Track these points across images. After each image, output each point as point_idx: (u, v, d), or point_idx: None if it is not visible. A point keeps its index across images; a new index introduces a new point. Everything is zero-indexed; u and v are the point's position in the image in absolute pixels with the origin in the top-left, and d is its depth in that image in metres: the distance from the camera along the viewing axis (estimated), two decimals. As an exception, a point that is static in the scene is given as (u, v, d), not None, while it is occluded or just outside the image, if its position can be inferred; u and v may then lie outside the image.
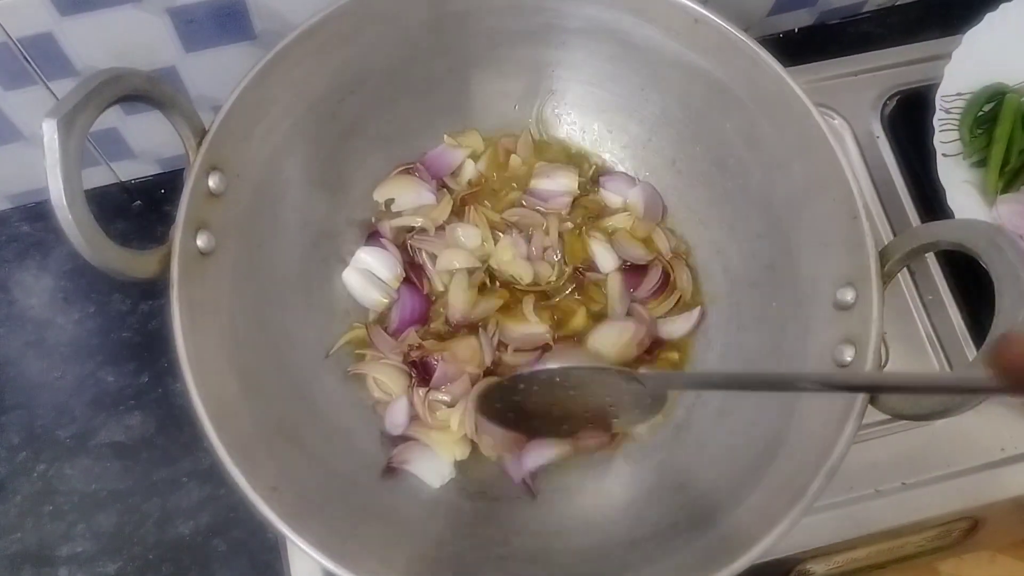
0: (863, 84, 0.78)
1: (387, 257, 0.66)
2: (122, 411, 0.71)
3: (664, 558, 0.52)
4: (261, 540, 0.67)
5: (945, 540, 0.69)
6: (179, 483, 0.69)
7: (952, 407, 0.46)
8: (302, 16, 0.57)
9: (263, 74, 0.55)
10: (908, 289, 0.71)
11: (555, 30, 0.64)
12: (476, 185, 0.69)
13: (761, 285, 0.62)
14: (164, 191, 0.78)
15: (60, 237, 0.73)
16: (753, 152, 0.61)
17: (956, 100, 0.71)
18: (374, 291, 0.65)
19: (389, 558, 0.52)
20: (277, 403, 0.56)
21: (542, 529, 0.58)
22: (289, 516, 0.48)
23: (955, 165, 0.70)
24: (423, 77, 0.65)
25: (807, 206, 0.57)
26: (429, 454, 0.61)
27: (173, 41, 0.65)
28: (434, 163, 0.69)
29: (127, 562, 0.66)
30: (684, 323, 0.65)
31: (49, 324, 0.73)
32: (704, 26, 0.59)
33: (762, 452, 0.54)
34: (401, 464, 0.60)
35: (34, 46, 0.61)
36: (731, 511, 0.52)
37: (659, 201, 0.68)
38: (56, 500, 0.68)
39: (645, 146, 0.68)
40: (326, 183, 0.64)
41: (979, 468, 0.65)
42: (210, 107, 0.70)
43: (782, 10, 0.82)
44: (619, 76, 0.65)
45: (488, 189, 0.69)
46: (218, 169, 0.54)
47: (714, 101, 0.61)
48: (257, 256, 0.58)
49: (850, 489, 0.64)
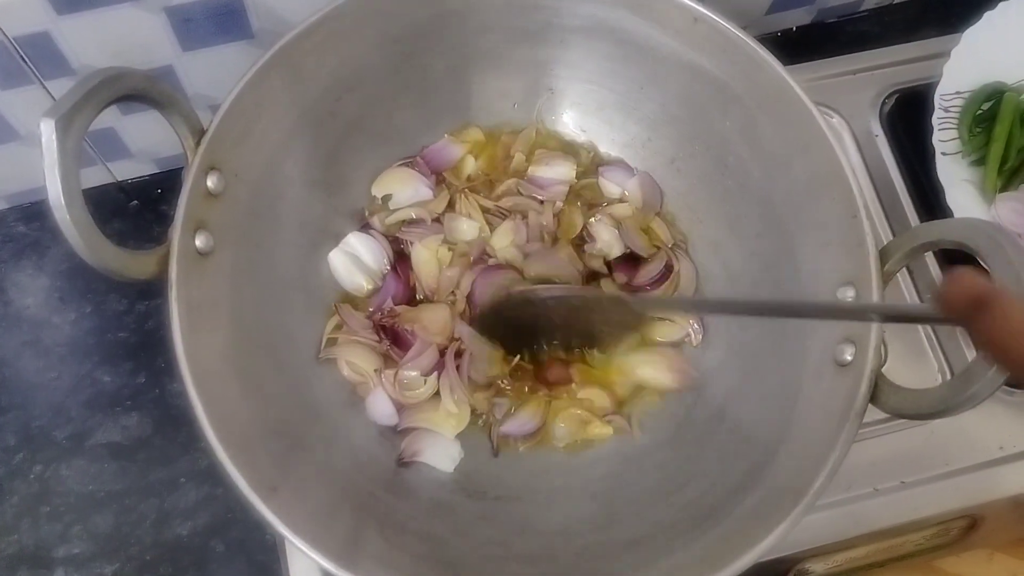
0: (862, 83, 0.77)
1: (375, 245, 0.66)
2: (119, 412, 0.70)
3: (665, 558, 0.52)
4: (259, 540, 0.67)
5: (944, 539, 0.69)
6: (176, 484, 0.68)
7: (952, 406, 0.46)
8: (299, 15, 0.57)
9: (262, 73, 0.55)
10: (907, 288, 0.71)
11: (554, 28, 0.64)
12: (474, 180, 0.69)
13: (761, 283, 0.62)
14: (161, 191, 0.77)
15: (56, 237, 0.74)
16: (753, 151, 0.61)
17: (955, 99, 0.71)
18: (359, 275, 0.65)
19: (389, 558, 0.52)
20: (276, 403, 0.56)
21: (543, 529, 0.58)
22: (288, 517, 0.48)
23: (954, 164, 0.70)
24: (422, 76, 0.65)
25: (807, 205, 0.57)
26: (435, 438, 0.61)
27: (170, 40, 0.64)
28: (434, 157, 0.69)
29: (124, 563, 0.66)
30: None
31: (45, 324, 0.73)
32: (704, 24, 0.59)
33: (763, 451, 0.54)
34: (413, 457, 0.60)
35: (31, 45, 0.61)
36: (732, 510, 0.52)
37: (657, 191, 0.68)
38: (53, 501, 0.67)
39: (645, 145, 0.68)
40: (324, 183, 0.64)
41: (978, 467, 0.65)
42: (207, 106, 0.70)
43: (780, 9, 0.82)
44: (619, 74, 0.65)
45: (486, 183, 0.69)
46: (216, 169, 0.54)
47: (714, 99, 0.61)
48: (256, 256, 0.58)
49: (849, 488, 0.64)
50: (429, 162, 0.68)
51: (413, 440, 0.61)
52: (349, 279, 0.65)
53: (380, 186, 0.67)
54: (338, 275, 0.65)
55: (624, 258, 0.67)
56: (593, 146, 0.70)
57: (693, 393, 0.63)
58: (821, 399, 0.52)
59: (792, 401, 0.54)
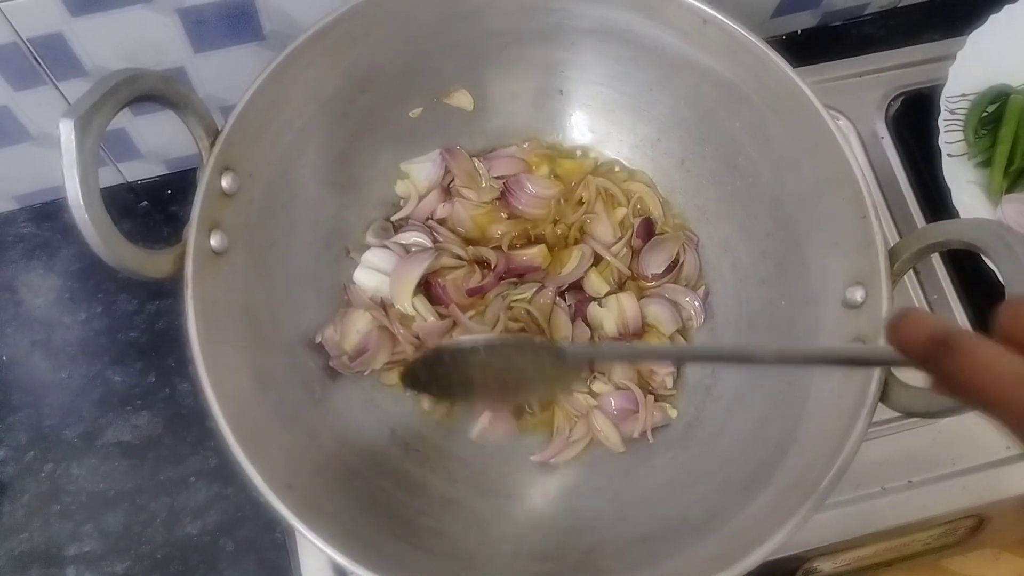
0: (867, 85, 0.78)
1: (390, 257, 0.66)
2: (129, 411, 0.71)
3: (674, 555, 0.52)
4: (269, 539, 0.67)
5: (951, 538, 0.70)
6: (187, 482, 0.69)
7: (961, 405, 0.46)
8: (311, 17, 0.57)
9: (276, 75, 0.55)
10: (913, 288, 0.71)
11: (564, 30, 0.64)
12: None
13: (770, 283, 0.62)
14: (170, 191, 0.78)
15: (66, 237, 0.76)
16: (762, 151, 0.61)
17: (960, 101, 0.71)
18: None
19: (401, 554, 0.52)
20: (289, 401, 0.57)
21: (553, 526, 0.59)
22: (304, 513, 0.48)
23: (960, 165, 0.70)
24: (433, 77, 0.65)
25: (816, 205, 0.57)
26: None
27: (182, 41, 0.65)
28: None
29: (135, 561, 0.66)
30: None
31: (56, 324, 0.73)
32: (713, 27, 0.59)
33: (773, 450, 0.54)
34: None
35: (44, 46, 0.61)
36: (742, 508, 0.52)
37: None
38: (64, 500, 0.68)
39: (654, 146, 0.69)
40: (337, 182, 0.64)
41: (985, 466, 0.66)
42: (218, 107, 0.70)
43: (785, 12, 0.83)
44: (628, 76, 0.66)
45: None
46: (231, 169, 0.54)
47: (723, 101, 0.62)
48: (269, 255, 0.58)
49: (857, 487, 0.64)
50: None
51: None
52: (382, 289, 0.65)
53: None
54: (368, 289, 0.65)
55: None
56: (603, 155, 0.71)
57: (703, 392, 0.63)
58: (831, 397, 0.53)
59: (802, 399, 0.54)
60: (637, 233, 0.67)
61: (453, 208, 0.68)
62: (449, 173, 0.69)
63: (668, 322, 0.65)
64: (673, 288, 0.66)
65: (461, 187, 0.68)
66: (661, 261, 0.66)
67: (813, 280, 0.58)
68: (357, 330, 0.63)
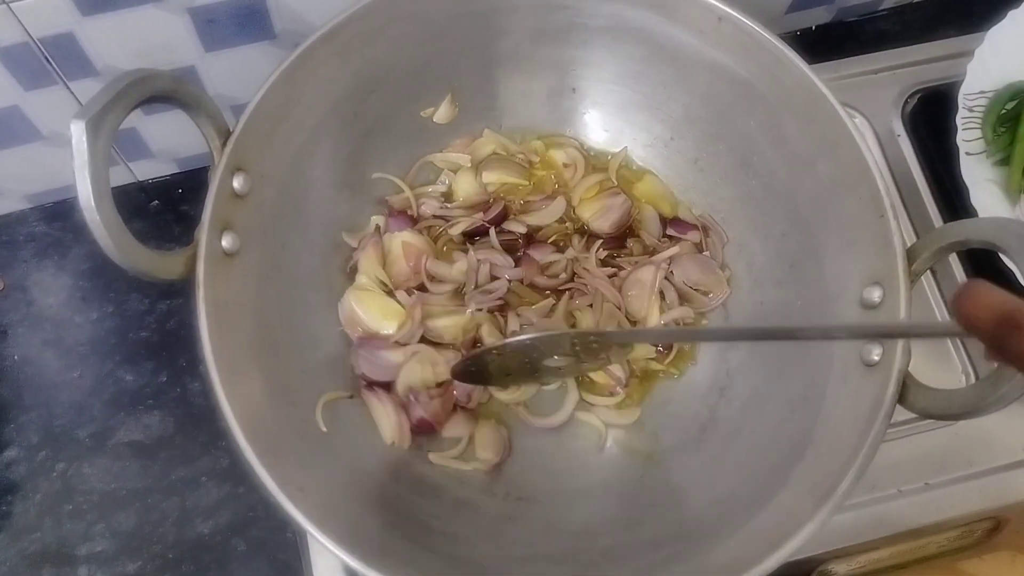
0: (883, 82, 0.77)
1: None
2: (140, 410, 0.71)
3: (691, 558, 0.52)
4: (280, 539, 0.67)
5: (967, 540, 0.69)
6: (198, 482, 0.69)
7: (981, 407, 0.46)
8: (322, 16, 0.57)
9: (287, 75, 0.55)
10: (930, 287, 0.70)
11: (577, 28, 0.63)
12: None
13: (786, 283, 0.61)
14: (181, 191, 0.78)
15: (78, 237, 0.75)
16: (778, 150, 0.60)
17: (979, 98, 0.70)
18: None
19: (414, 557, 0.52)
20: (300, 403, 0.56)
21: (567, 529, 0.58)
22: (316, 516, 0.48)
23: (978, 163, 0.69)
24: (445, 76, 0.65)
25: (833, 204, 0.57)
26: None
27: (193, 41, 0.64)
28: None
29: (147, 561, 0.66)
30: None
31: (67, 323, 0.73)
32: (728, 24, 0.58)
33: (789, 452, 0.53)
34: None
35: (55, 46, 0.61)
36: (759, 511, 0.52)
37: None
38: (75, 499, 0.68)
39: (668, 145, 0.68)
40: (348, 182, 0.64)
41: (1001, 468, 0.65)
42: (229, 107, 0.70)
43: (799, 7, 0.82)
44: (642, 74, 0.65)
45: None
46: (243, 170, 0.54)
47: (738, 99, 0.61)
48: (281, 256, 0.58)
49: (873, 489, 0.64)
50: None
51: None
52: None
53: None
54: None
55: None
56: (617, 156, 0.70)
57: (716, 393, 0.63)
58: (848, 399, 0.52)
59: (819, 401, 0.54)
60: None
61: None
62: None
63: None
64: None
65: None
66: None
67: (830, 280, 0.57)
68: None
